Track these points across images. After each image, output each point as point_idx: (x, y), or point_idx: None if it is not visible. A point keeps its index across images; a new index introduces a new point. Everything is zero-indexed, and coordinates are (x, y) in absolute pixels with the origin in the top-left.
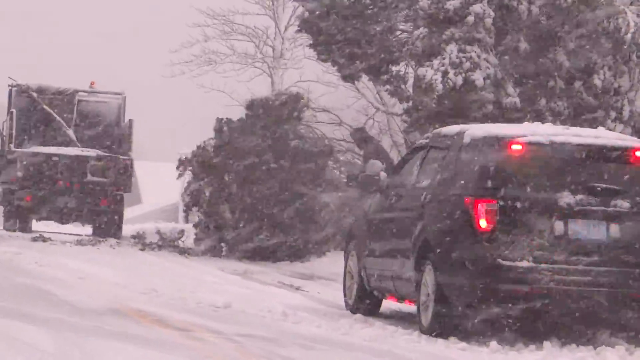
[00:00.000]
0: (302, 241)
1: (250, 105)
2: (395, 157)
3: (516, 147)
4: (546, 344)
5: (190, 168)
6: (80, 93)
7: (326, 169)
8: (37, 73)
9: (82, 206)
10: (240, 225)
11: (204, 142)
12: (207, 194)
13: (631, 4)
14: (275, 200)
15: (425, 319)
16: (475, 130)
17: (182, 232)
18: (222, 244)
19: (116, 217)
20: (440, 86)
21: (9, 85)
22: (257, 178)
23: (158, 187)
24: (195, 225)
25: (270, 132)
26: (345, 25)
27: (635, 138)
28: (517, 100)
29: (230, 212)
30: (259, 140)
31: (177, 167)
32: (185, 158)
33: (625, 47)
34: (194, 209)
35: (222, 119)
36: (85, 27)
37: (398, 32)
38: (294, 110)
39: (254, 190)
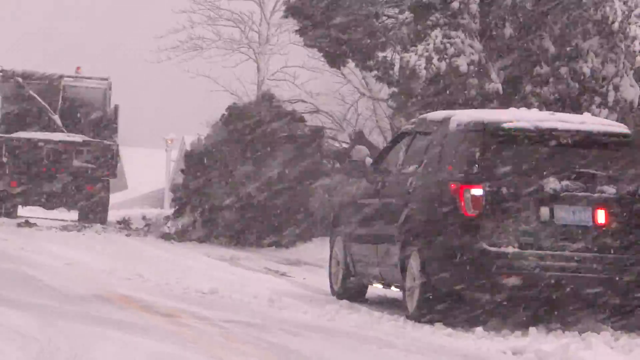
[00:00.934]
0: (291, 228)
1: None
2: (381, 143)
3: (502, 132)
4: (532, 329)
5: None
6: (65, 78)
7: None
8: (22, 59)
9: (67, 192)
10: (230, 206)
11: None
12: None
13: None
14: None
15: (411, 305)
16: (461, 116)
17: (167, 217)
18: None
19: (102, 203)
20: (423, 72)
21: None
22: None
23: (144, 172)
24: (178, 211)
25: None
26: (330, 10)
27: (621, 124)
28: (500, 86)
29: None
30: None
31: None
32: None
33: (612, 35)
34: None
35: (199, 137)
36: (70, 13)
37: (384, 18)
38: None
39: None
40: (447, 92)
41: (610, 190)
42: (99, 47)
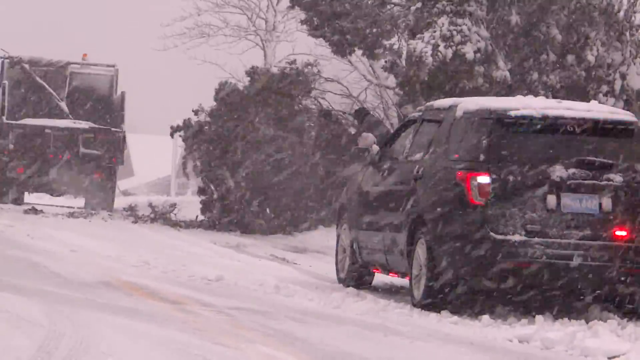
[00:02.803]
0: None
1: (252, 74)
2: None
3: (509, 120)
4: (538, 317)
5: (181, 134)
6: (72, 65)
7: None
8: (29, 45)
9: (74, 178)
10: (243, 196)
11: (199, 106)
12: (199, 164)
13: None
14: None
15: (418, 292)
16: (468, 103)
17: (174, 205)
18: (224, 217)
19: (108, 190)
20: (430, 59)
21: (0, 57)
22: (265, 152)
23: (150, 160)
24: (201, 192)
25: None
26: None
27: (628, 112)
28: (507, 73)
29: (233, 181)
30: (263, 113)
31: (172, 132)
32: (179, 125)
33: (618, 23)
34: (198, 176)
35: (225, 82)
36: (78, 2)
37: (391, 5)
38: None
39: (259, 160)
40: (454, 79)
41: (617, 178)
42: (105, 34)
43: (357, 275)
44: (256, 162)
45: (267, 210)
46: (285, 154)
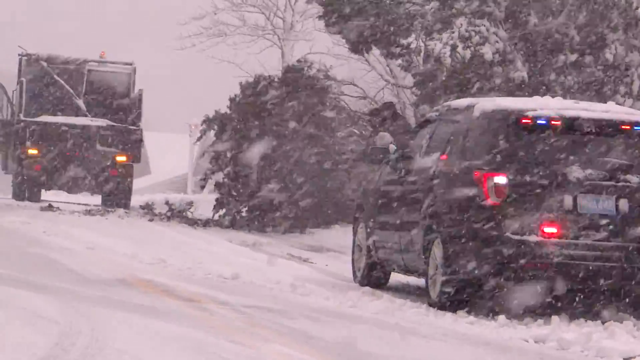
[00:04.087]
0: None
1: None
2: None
3: (526, 121)
4: (554, 318)
5: (213, 129)
6: (90, 63)
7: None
8: (46, 43)
9: (91, 176)
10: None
11: (235, 96)
12: (229, 155)
13: None
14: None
15: (434, 292)
16: (485, 103)
17: (191, 203)
18: (242, 213)
19: (125, 188)
20: (448, 60)
21: (19, 55)
22: (295, 146)
23: (167, 158)
24: (218, 186)
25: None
26: None
27: None
28: (525, 75)
29: (258, 176)
30: (297, 108)
31: (202, 124)
32: (210, 117)
33: (636, 22)
34: (219, 174)
35: (260, 75)
36: (97, 0)
37: (409, 5)
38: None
39: (290, 157)
40: (472, 80)
41: (634, 179)
42: (123, 32)
43: (373, 275)
44: (285, 159)
45: (291, 208)
46: (314, 152)
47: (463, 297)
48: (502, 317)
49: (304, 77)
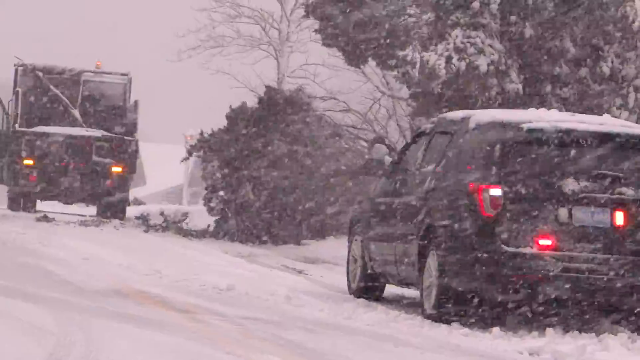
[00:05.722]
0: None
1: (260, 100)
2: (400, 142)
3: (521, 133)
4: (549, 330)
5: (199, 154)
6: (86, 73)
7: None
8: (43, 53)
9: (86, 187)
10: (261, 208)
11: (212, 130)
12: (219, 175)
13: None
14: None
15: (428, 304)
16: (481, 115)
17: (186, 214)
18: (242, 228)
19: (120, 198)
20: (443, 71)
21: (15, 65)
22: (283, 165)
23: (163, 169)
24: (211, 210)
25: (281, 124)
26: (350, 10)
27: None
28: (520, 87)
29: (254, 194)
30: (273, 131)
31: (188, 152)
32: (194, 144)
33: (632, 35)
34: (217, 194)
35: (234, 109)
36: (93, 11)
37: (405, 17)
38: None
39: (277, 176)
40: (467, 91)
41: (629, 191)
42: (119, 42)
43: (368, 286)
44: (276, 178)
45: (284, 221)
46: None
47: (458, 309)
48: (496, 329)
49: (281, 97)
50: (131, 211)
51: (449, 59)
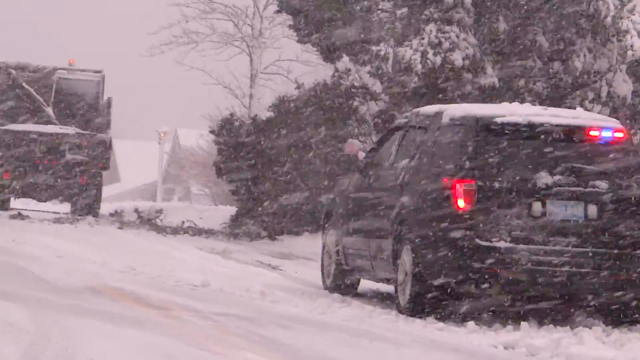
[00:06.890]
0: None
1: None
2: (374, 137)
3: (494, 127)
4: (523, 324)
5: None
6: (59, 71)
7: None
8: (15, 51)
9: (60, 184)
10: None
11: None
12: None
13: None
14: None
15: (403, 299)
16: (454, 110)
17: (160, 210)
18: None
19: (94, 195)
20: (419, 66)
21: None
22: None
23: (137, 165)
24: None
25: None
26: (324, 5)
27: (613, 119)
28: (496, 80)
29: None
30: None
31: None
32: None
33: (604, 29)
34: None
35: (283, 96)
36: (65, 7)
37: (378, 12)
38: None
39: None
40: (442, 86)
41: (602, 185)
42: (92, 40)
43: (343, 282)
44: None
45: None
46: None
47: (432, 303)
48: (471, 324)
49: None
50: (105, 208)
51: (424, 54)
